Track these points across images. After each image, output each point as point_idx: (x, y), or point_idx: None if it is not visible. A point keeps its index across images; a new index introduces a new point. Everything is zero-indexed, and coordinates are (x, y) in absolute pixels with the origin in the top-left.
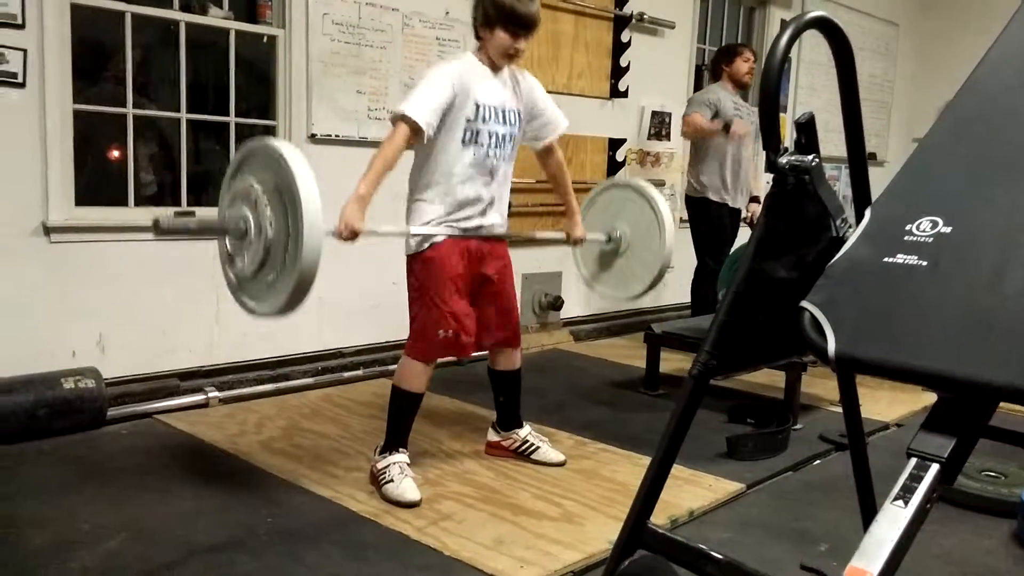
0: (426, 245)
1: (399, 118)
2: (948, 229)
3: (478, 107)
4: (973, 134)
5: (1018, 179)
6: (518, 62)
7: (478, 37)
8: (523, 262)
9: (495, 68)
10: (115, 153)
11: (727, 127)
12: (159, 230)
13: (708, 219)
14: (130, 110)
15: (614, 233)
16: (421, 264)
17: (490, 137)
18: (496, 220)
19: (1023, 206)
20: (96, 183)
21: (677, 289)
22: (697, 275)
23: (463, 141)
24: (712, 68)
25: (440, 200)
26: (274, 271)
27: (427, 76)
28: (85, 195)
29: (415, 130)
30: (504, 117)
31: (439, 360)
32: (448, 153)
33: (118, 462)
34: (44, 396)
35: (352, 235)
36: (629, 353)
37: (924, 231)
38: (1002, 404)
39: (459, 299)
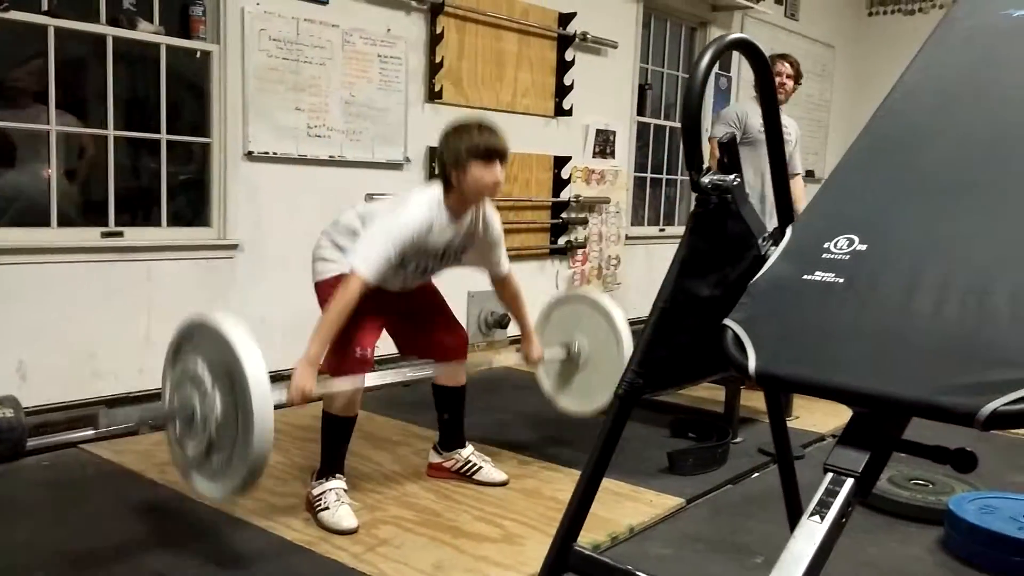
0: (337, 272)
1: (355, 275)
2: (864, 247)
3: (417, 251)
4: (889, 155)
5: (929, 200)
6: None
7: (447, 183)
8: (469, 280)
9: (459, 212)
10: (37, 172)
11: None
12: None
13: None
14: (53, 127)
15: (572, 347)
16: (335, 282)
17: (419, 264)
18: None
19: (934, 226)
20: (17, 202)
21: (627, 305)
22: None
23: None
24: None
25: None
26: (222, 454)
27: (389, 227)
28: (5, 215)
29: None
30: (442, 255)
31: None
32: None
33: (37, 496)
34: None
35: (304, 400)
36: None
37: (841, 249)
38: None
39: (373, 317)
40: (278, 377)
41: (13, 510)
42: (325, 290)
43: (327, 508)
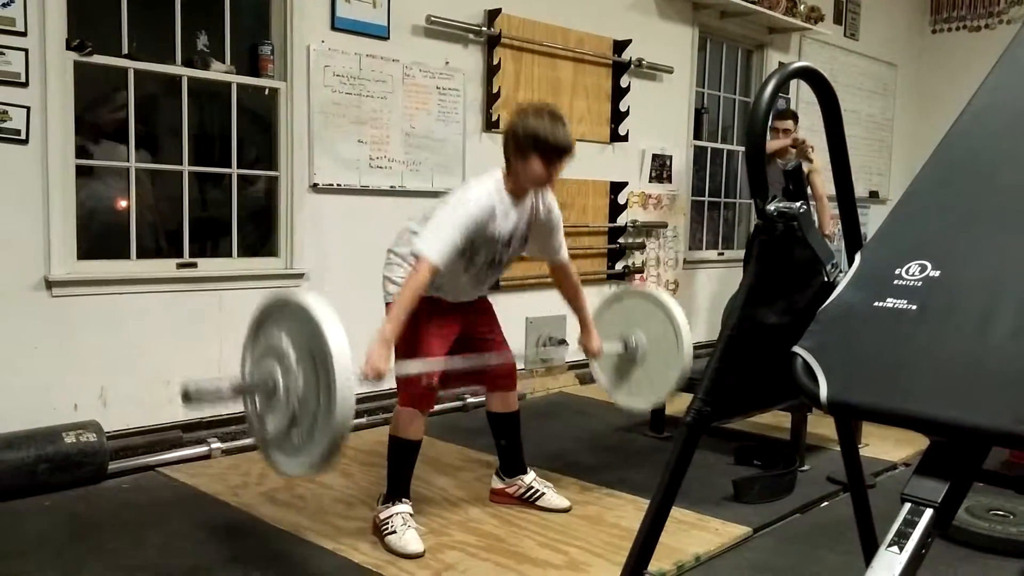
0: None
1: (423, 259)
2: (937, 273)
3: (486, 238)
4: (959, 180)
5: (1003, 224)
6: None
7: (508, 164)
8: (527, 305)
9: (519, 195)
10: (118, 206)
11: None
12: (188, 400)
13: None
14: (132, 164)
15: (630, 342)
16: None
17: (488, 255)
18: (481, 296)
19: (1009, 250)
20: (99, 236)
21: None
22: None
23: (459, 255)
24: None
25: None
26: (303, 428)
27: (452, 211)
28: (88, 248)
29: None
30: (509, 241)
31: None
32: None
33: (118, 517)
34: (45, 451)
35: (378, 377)
36: None
37: (913, 275)
38: None
39: (440, 350)
40: None
41: (93, 532)
42: None
43: (394, 532)
